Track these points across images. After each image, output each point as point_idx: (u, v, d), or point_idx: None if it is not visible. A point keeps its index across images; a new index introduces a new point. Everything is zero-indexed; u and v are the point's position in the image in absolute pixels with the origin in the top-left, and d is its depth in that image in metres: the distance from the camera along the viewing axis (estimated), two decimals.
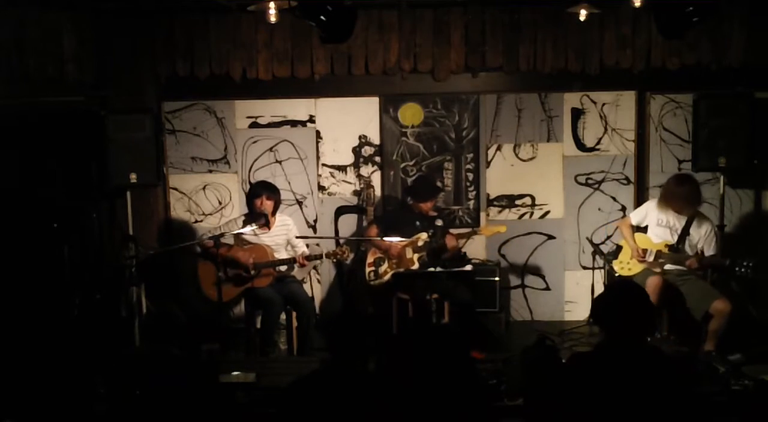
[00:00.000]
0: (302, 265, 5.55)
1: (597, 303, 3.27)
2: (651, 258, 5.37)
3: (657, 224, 5.44)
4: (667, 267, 5.39)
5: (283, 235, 5.66)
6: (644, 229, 5.56)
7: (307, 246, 5.99)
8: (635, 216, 5.58)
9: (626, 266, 5.48)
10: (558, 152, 6.40)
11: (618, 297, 3.19)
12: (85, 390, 4.14)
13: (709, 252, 5.34)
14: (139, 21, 5.90)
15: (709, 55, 5.91)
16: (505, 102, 6.37)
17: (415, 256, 5.63)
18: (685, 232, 5.34)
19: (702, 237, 5.35)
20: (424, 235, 5.60)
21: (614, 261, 5.62)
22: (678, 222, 5.37)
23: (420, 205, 5.74)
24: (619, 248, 5.67)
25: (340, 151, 6.42)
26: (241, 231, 5.40)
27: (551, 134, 6.38)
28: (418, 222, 5.70)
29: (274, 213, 5.62)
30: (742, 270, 5.10)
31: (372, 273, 5.75)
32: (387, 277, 5.67)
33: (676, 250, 5.33)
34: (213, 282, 5.36)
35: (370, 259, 5.79)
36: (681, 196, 5.27)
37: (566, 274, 6.49)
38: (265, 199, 5.50)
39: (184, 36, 5.96)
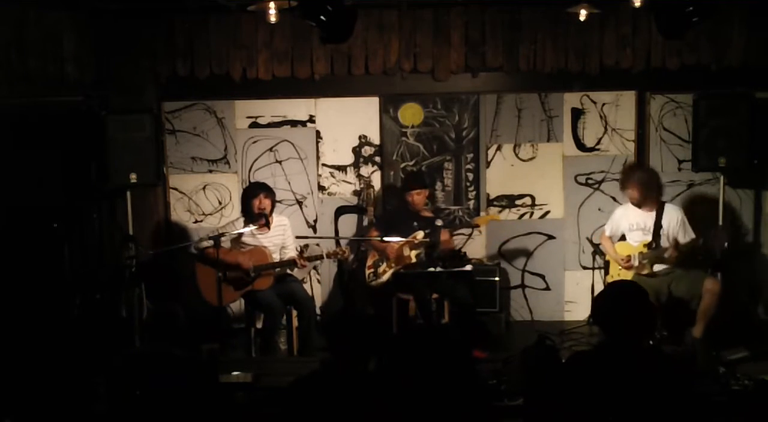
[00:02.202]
0: (302, 266, 5.55)
1: (597, 303, 3.27)
2: (636, 263, 5.39)
3: (629, 229, 5.50)
4: (656, 268, 5.39)
5: (280, 236, 5.64)
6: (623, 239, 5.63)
7: (307, 246, 5.99)
8: (608, 228, 5.66)
9: (618, 278, 5.42)
10: (558, 152, 6.40)
11: (617, 298, 3.19)
12: (85, 390, 4.14)
13: (685, 238, 5.37)
14: (139, 21, 5.90)
15: (709, 55, 5.90)
16: (505, 102, 6.37)
17: (413, 253, 5.64)
18: (657, 227, 5.38)
19: (674, 227, 5.39)
20: (420, 234, 5.60)
21: (607, 278, 5.66)
22: (648, 220, 5.42)
23: (408, 196, 5.71)
24: (607, 263, 5.70)
25: (340, 151, 6.42)
26: (242, 231, 5.39)
27: (551, 134, 6.38)
28: (416, 223, 5.70)
29: (271, 213, 5.61)
30: (716, 241, 5.21)
31: (371, 274, 5.75)
32: (386, 277, 5.67)
33: (654, 248, 5.37)
34: (212, 285, 5.35)
35: (369, 262, 5.80)
36: (638, 182, 5.37)
37: (566, 274, 6.49)
38: (263, 197, 5.49)
39: (184, 36, 5.96)
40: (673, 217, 5.42)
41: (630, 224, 5.49)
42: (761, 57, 5.84)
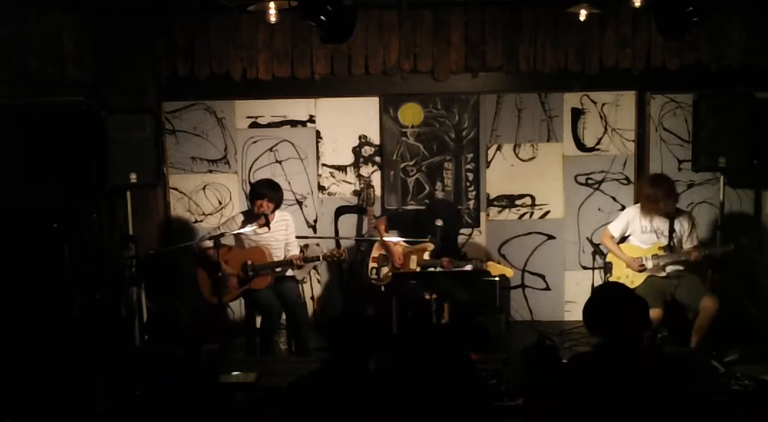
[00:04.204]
0: (299, 267, 5.53)
1: (587, 311, 3.26)
2: (650, 265, 5.35)
3: (642, 231, 5.43)
4: (669, 269, 5.37)
5: (283, 231, 5.61)
6: (623, 240, 5.57)
7: (307, 246, 5.99)
8: (616, 228, 5.54)
9: (626, 280, 5.32)
10: (558, 152, 6.40)
11: (606, 302, 3.19)
12: (85, 390, 4.14)
13: (688, 244, 5.36)
14: (139, 21, 5.90)
15: (709, 55, 5.90)
16: (505, 102, 6.37)
17: (418, 269, 5.63)
18: (671, 231, 5.35)
19: (685, 231, 5.38)
20: (430, 247, 5.59)
21: (608, 278, 5.55)
22: (662, 223, 5.37)
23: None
24: (608, 265, 5.59)
25: (340, 151, 6.42)
26: (241, 231, 5.38)
27: (551, 134, 6.38)
28: (429, 237, 5.66)
29: (273, 211, 5.59)
30: (748, 251, 5.18)
31: (374, 271, 5.75)
32: (388, 280, 5.68)
33: (671, 249, 5.33)
34: (212, 286, 5.35)
35: (374, 254, 5.77)
36: (663, 196, 5.26)
37: (566, 274, 6.49)
38: (266, 201, 5.42)
39: (184, 36, 5.96)
40: (685, 223, 5.39)
41: (643, 226, 5.41)
42: (761, 57, 5.85)
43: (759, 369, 4.16)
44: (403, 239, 5.60)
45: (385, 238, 5.70)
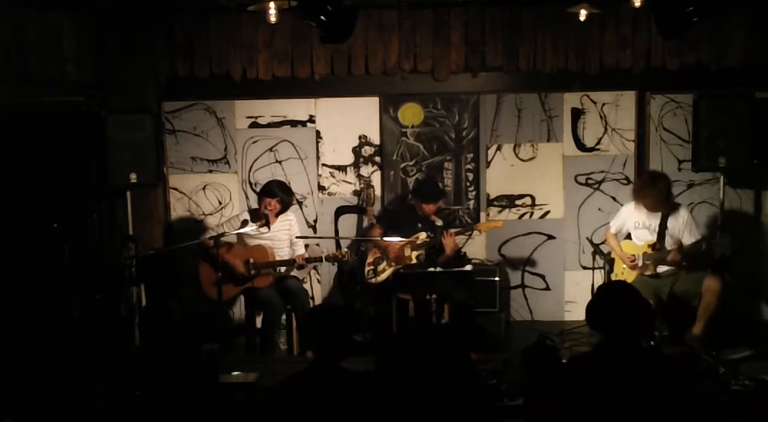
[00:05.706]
0: (301, 266, 5.56)
1: (590, 308, 3.26)
2: (641, 263, 5.37)
3: (635, 227, 5.47)
4: (660, 269, 5.38)
5: (286, 231, 5.68)
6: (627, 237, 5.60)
7: (307, 246, 6.00)
8: (614, 225, 5.62)
9: (621, 277, 5.43)
10: (558, 152, 6.40)
11: (610, 299, 3.19)
12: (85, 390, 4.15)
13: (690, 239, 5.34)
14: (139, 21, 5.90)
15: (709, 55, 5.90)
16: (505, 102, 6.37)
17: (413, 254, 5.65)
18: (663, 228, 5.35)
19: (681, 227, 5.36)
20: (423, 234, 5.62)
21: (612, 275, 5.64)
22: (653, 220, 5.39)
23: (423, 206, 5.74)
24: (612, 261, 5.68)
25: (340, 151, 6.42)
26: (241, 231, 5.40)
27: (551, 134, 6.38)
28: (420, 225, 5.71)
29: (278, 214, 5.64)
30: (720, 248, 5.17)
31: (371, 272, 5.76)
32: (385, 275, 5.69)
33: (658, 249, 5.34)
34: (213, 281, 5.38)
35: (369, 259, 5.80)
36: (654, 195, 5.28)
37: (566, 274, 6.49)
38: (275, 201, 5.54)
39: (184, 36, 5.96)
40: (679, 218, 5.38)
41: (636, 222, 5.46)
42: (761, 57, 5.85)
43: (759, 369, 4.17)
44: (400, 239, 5.59)
45: (384, 238, 5.69)
